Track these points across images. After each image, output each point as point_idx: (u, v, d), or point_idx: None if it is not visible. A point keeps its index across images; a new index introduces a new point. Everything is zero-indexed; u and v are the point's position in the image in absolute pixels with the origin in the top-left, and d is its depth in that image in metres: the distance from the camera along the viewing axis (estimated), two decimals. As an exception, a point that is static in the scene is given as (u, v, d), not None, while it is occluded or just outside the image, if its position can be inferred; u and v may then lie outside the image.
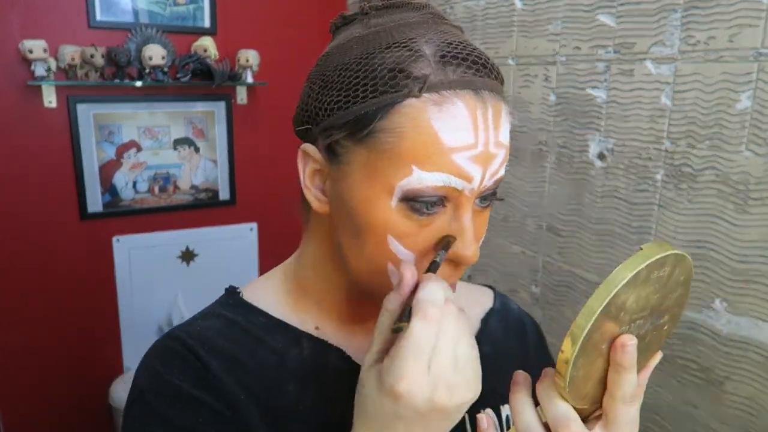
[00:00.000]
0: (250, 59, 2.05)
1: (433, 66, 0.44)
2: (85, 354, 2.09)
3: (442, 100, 0.43)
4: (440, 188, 0.44)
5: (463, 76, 0.44)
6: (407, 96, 0.43)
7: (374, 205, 0.45)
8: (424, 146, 0.43)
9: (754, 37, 0.97)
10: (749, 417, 1.03)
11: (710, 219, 1.06)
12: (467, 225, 0.45)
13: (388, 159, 0.44)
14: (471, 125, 0.43)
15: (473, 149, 0.44)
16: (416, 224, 0.45)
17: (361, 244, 0.47)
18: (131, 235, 2.11)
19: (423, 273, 0.44)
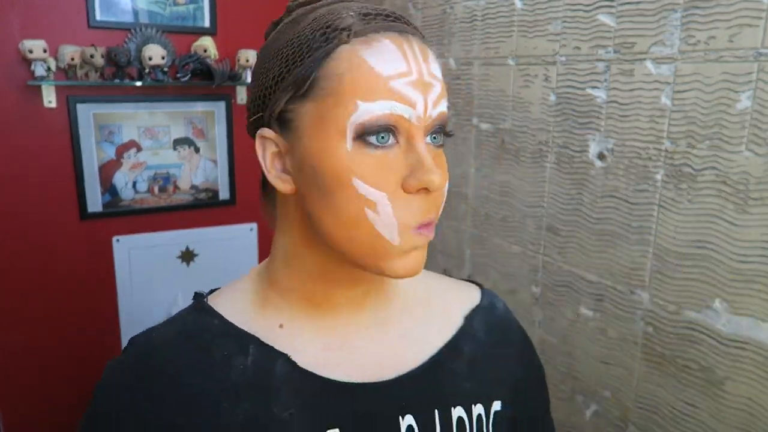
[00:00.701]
0: (250, 59, 2.05)
1: (356, 19, 0.48)
2: (85, 354, 2.10)
3: (370, 39, 0.47)
4: (387, 116, 0.45)
5: (385, 24, 0.48)
6: (338, 45, 0.47)
7: (332, 152, 0.46)
8: (363, 80, 0.45)
9: (754, 37, 0.97)
10: (749, 417, 1.03)
11: (710, 219, 1.06)
12: (423, 152, 0.47)
13: (333, 102, 0.46)
14: (401, 56, 0.47)
15: (409, 75, 0.46)
16: (374, 161, 0.46)
17: (331, 201, 0.47)
18: (131, 235, 2.11)
19: None
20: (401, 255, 0.48)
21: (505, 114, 1.53)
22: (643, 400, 1.22)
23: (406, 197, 0.47)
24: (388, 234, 0.46)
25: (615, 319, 1.26)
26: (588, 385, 1.35)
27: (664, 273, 1.15)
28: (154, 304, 2.16)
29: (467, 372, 0.58)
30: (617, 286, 1.25)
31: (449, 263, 1.82)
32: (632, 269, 1.22)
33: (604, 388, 1.31)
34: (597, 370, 1.32)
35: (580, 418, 1.38)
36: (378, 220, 0.46)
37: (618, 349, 1.26)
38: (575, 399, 1.39)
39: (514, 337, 0.65)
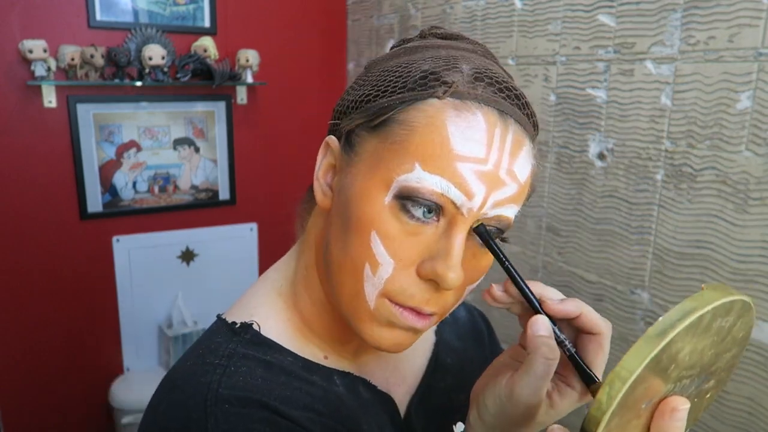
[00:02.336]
0: (250, 59, 2.05)
1: (465, 78, 0.43)
2: (85, 354, 2.09)
3: (463, 106, 0.42)
4: (437, 194, 0.41)
5: (492, 95, 0.43)
6: (430, 95, 0.42)
7: (369, 197, 0.43)
8: (432, 145, 0.41)
9: (754, 37, 0.97)
10: (749, 417, 1.03)
11: (710, 219, 1.06)
12: (456, 244, 0.42)
13: (395, 151, 0.43)
14: (485, 139, 0.42)
15: (481, 164, 0.41)
16: (404, 228, 0.42)
17: (345, 239, 0.45)
18: (131, 235, 2.11)
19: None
20: (379, 324, 0.45)
21: (505, 114, 1.53)
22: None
23: (413, 278, 0.43)
24: (368, 294, 0.44)
25: (615, 319, 1.26)
26: (588, 385, 1.35)
27: (664, 273, 1.15)
28: (154, 304, 2.16)
29: (457, 385, 0.60)
30: (617, 286, 1.25)
31: (449, 263, 1.82)
32: (632, 269, 1.22)
33: (604, 388, 1.31)
34: (597, 370, 1.32)
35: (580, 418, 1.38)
36: (370, 281, 0.44)
37: (618, 349, 1.26)
38: (575, 399, 1.39)
39: (481, 335, 0.67)
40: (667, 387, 0.33)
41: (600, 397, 0.31)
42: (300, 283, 0.53)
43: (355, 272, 0.44)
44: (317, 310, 0.52)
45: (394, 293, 0.43)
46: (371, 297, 0.44)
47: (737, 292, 0.32)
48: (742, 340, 0.36)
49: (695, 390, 0.36)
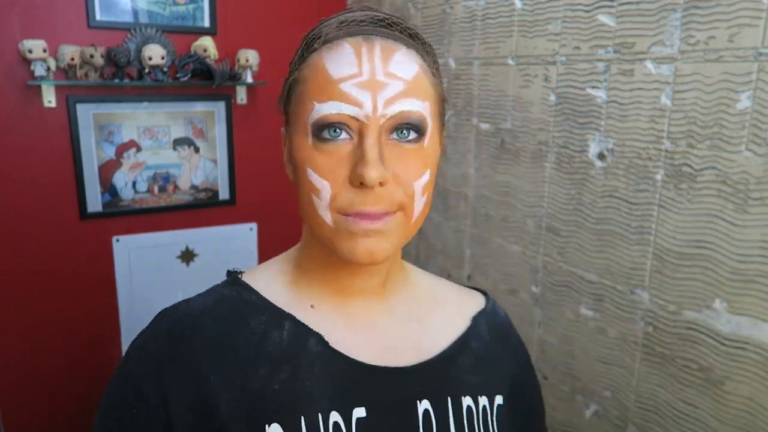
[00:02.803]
0: (250, 59, 2.05)
1: (333, 27, 0.53)
2: (85, 354, 2.09)
3: (333, 45, 0.52)
4: (335, 115, 0.50)
5: (355, 29, 0.53)
6: (311, 52, 0.54)
7: (299, 146, 0.53)
8: (319, 83, 0.51)
9: (754, 37, 0.97)
10: (749, 417, 1.03)
11: (710, 219, 1.06)
12: (367, 146, 0.50)
13: (300, 103, 0.53)
14: (355, 59, 0.51)
15: (357, 77, 0.50)
16: (324, 152, 0.51)
17: (298, 186, 0.54)
18: (131, 235, 2.11)
19: None
20: (347, 238, 0.52)
21: (505, 114, 1.53)
22: (643, 400, 1.22)
23: (350, 189, 0.51)
24: (324, 215, 0.52)
25: (615, 319, 1.26)
26: (588, 385, 1.35)
27: (664, 273, 1.15)
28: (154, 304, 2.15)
29: (474, 367, 0.63)
30: (617, 286, 1.25)
31: (449, 263, 1.82)
32: (632, 269, 1.22)
33: (604, 388, 1.31)
34: (597, 370, 1.32)
35: (580, 418, 1.38)
36: (319, 205, 0.52)
37: (618, 349, 1.26)
38: (575, 399, 1.39)
39: (512, 341, 0.71)
40: None
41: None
42: (305, 245, 0.61)
43: (309, 205, 0.52)
44: (315, 260, 0.60)
45: (340, 207, 0.51)
46: (327, 217, 0.52)
47: None
48: None
49: None
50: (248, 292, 0.59)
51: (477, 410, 0.60)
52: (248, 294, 0.59)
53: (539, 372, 1.49)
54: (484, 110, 1.61)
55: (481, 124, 1.62)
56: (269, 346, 0.55)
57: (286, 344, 0.55)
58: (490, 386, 0.63)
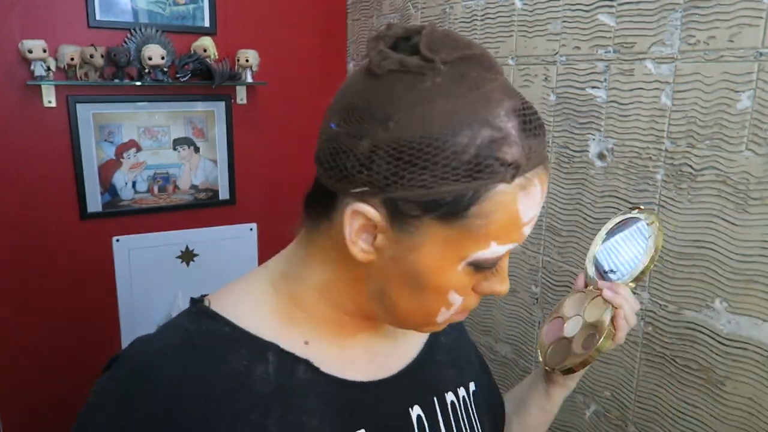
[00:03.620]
0: (250, 59, 2.05)
1: (520, 147, 0.44)
2: (84, 354, 2.09)
3: (527, 183, 0.46)
4: (505, 252, 0.48)
5: (540, 153, 0.46)
6: (499, 181, 0.44)
7: (442, 271, 0.48)
8: (507, 226, 0.46)
9: (754, 37, 0.97)
10: (749, 417, 1.03)
11: (710, 219, 1.06)
12: (505, 267, 0.51)
13: (471, 238, 0.46)
14: (540, 201, 0.48)
15: (536, 219, 0.49)
16: (473, 278, 0.49)
17: (418, 297, 0.50)
18: (131, 235, 2.11)
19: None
20: (435, 326, 0.54)
21: (505, 114, 1.53)
22: (643, 400, 1.22)
23: (470, 293, 0.51)
24: (440, 320, 0.52)
25: (615, 319, 1.26)
26: (588, 385, 1.35)
27: (664, 273, 1.15)
28: (154, 304, 2.16)
29: (448, 361, 0.64)
30: (617, 286, 1.25)
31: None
32: (632, 269, 1.22)
33: (604, 388, 1.31)
34: (597, 370, 1.32)
35: (580, 418, 1.38)
36: (443, 313, 0.51)
37: (618, 349, 1.26)
38: (575, 399, 1.39)
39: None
40: None
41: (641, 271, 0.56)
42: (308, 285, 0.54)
43: (430, 314, 0.51)
44: (324, 306, 0.54)
45: (458, 311, 0.52)
46: (442, 320, 0.52)
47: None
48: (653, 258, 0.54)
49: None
50: (219, 323, 0.52)
51: (458, 403, 0.62)
52: (219, 326, 0.52)
53: (539, 372, 1.49)
54: (484, 110, 1.61)
55: (481, 124, 1.62)
56: (256, 384, 0.49)
57: (273, 378, 0.50)
58: (464, 375, 0.65)
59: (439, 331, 0.63)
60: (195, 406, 0.47)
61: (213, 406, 0.48)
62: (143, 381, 0.49)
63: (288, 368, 0.51)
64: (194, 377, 0.49)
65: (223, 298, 0.55)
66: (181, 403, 0.47)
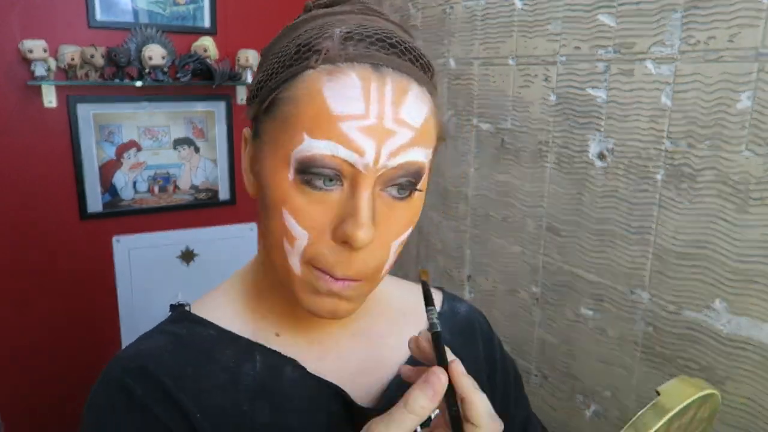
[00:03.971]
0: (250, 59, 2.05)
1: (335, 42, 0.44)
2: (85, 354, 2.09)
3: (336, 70, 0.43)
4: (329, 157, 0.42)
5: (363, 51, 0.44)
6: (306, 68, 0.44)
7: (275, 177, 0.45)
8: (314, 113, 0.43)
9: (754, 37, 0.97)
10: (749, 417, 1.03)
11: (710, 219, 1.06)
12: (361, 203, 0.43)
13: (285, 127, 0.44)
14: (362, 96, 0.43)
15: (363, 119, 0.42)
16: (310, 199, 0.44)
17: (266, 220, 0.47)
18: (131, 235, 2.11)
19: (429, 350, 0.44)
20: (308, 291, 0.47)
21: (505, 114, 1.53)
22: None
23: (331, 245, 0.45)
24: (293, 264, 0.46)
25: (615, 319, 1.26)
26: (588, 385, 1.35)
27: (664, 273, 1.15)
28: (154, 304, 2.16)
29: None
30: (617, 286, 1.25)
31: (449, 263, 1.82)
32: (632, 269, 1.22)
33: (604, 388, 1.31)
34: (597, 370, 1.32)
35: (580, 418, 1.38)
36: (290, 252, 0.46)
37: (618, 349, 1.26)
38: (575, 399, 1.39)
39: (479, 337, 0.67)
40: None
41: None
42: (260, 269, 0.56)
43: (278, 247, 0.46)
44: (274, 289, 0.54)
45: (313, 260, 0.45)
46: (295, 266, 0.46)
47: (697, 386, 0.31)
48: (709, 417, 0.37)
49: None
50: (204, 326, 0.53)
51: None
52: (204, 329, 0.53)
53: (539, 372, 1.49)
54: (484, 110, 1.61)
55: (481, 124, 1.62)
56: (246, 380, 0.50)
57: (261, 376, 0.51)
58: None
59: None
60: (189, 399, 0.48)
61: (205, 397, 0.49)
62: (136, 378, 0.49)
63: (275, 367, 0.52)
64: (186, 372, 0.49)
65: (203, 304, 0.56)
66: (175, 396, 0.48)
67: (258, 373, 0.51)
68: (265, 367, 0.51)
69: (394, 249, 0.48)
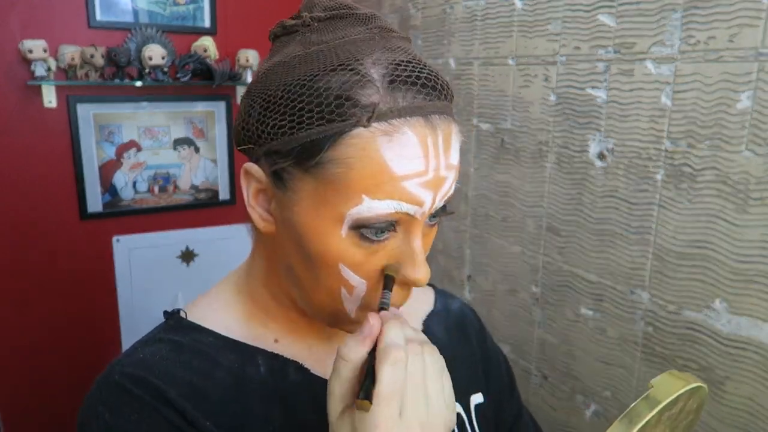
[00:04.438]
0: (250, 59, 2.05)
1: (381, 92, 0.42)
2: (84, 354, 2.09)
3: (392, 129, 0.42)
4: (391, 215, 0.43)
5: (412, 102, 0.43)
6: (355, 125, 0.42)
7: (324, 235, 0.44)
8: (374, 176, 0.42)
9: (754, 37, 0.97)
10: (749, 417, 1.03)
11: (710, 219, 1.06)
12: (417, 249, 0.45)
13: (337, 189, 0.43)
14: (421, 153, 0.43)
15: (423, 176, 0.43)
16: (366, 251, 0.45)
17: (313, 269, 0.47)
18: (131, 235, 2.11)
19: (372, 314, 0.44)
20: (353, 323, 0.49)
21: (505, 114, 1.53)
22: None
23: (375, 277, 0.46)
24: (349, 310, 0.48)
25: (615, 319, 1.26)
26: (588, 385, 1.35)
27: (664, 273, 1.15)
28: (154, 304, 2.16)
29: None
30: (617, 286, 1.25)
31: (449, 263, 1.82)
32: (632, 269, 1.22)
33: (604, 388, 1.31)
34: (597, 370, 1.32)
35: (580, 418, 1.38)
36: (347, 299, 0.47)
37: (618, 349, 1.26)
38: (575, 399, 1.39)
39: (472, 331, 0.67)
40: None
41: None
42: (258, 280, 0.55)
43: (332, 296, 0.47)
44: (277, 304, 0.54)
45: (369, 304, 0.47)
46: (352, 311, 0.48)
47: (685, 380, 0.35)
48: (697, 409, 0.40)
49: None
50: (202, 334, 0.52)
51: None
52: (203, 336, 0.52)
53: (539, 372, 1.49)
54: (484, 110, 1.61)
55: (481, 124, 1.62)
56: (252, 384, 0.51)
57: (266, 380, 0.51)
58: (462, 390, 0.60)
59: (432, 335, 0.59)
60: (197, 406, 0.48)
61: (215, 403, 0.48)
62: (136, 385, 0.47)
63: (279, 370, 0.52)
64: (192, 378, 0.49)
65: (198, 310, 0.56)
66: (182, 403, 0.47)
67: (263, 377, 0.51)
68: (268, 370, 0.52)
69: None
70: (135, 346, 0.53)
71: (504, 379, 0.69)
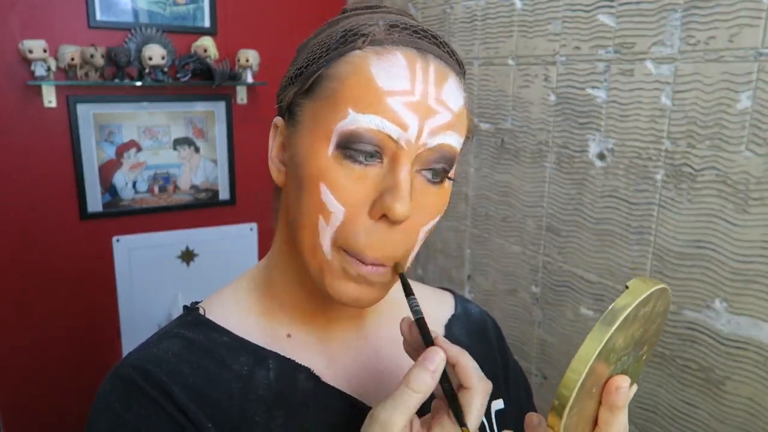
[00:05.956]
0: (250, 59, 2.05)
1: (381, 28, 0.47)
2: (84, 354, 2.09)
3: (384, 51, 0.45)
4: (374, 132, 0.43)
5: (408, 38, 0.46)
6: (352, 49, 0.46)
7: (314, 153, 0.46)
8: (360, 87, 0.44)
9: (754, 37, 0.97)
10: (749, 417, 1.03)
11: (710, 219, 1.06)
12: (401, 177, 0.44)
13: (329, 104, 0.45)
14: (408, 74, 0.44)
15: (409, 96, 0.44)
16: (349, 174, 0.44)
17: (300, 200, 0.47)
18: (131, 235, 2.11)
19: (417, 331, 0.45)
20: (336, 276, 0.46)
21: (505, 114, 1.53)
22: (643, 400, 1.22)
23: (368, 223, 0.45)
24: (324, 244, 0.46)
25: (615, 319, 1.26)
26: (588, 385, 1.35)
27: (664, 273, 1.15)
28: (154, 304, 2.16)
29: None
30: (617, 286, 1.25)
31: (449, 263, 1.82)
32: (632, 269, 1.22)
33: (604, 388, 1.31)
34: (597, 370, 1.32)
35: (580, 418, 1.38)
36: (323, 230, 0.45)
37: (618, 349, 1.26)
38: (575, 399, 1.39)
39: (493, 337, 0.67)
40: (610, 369, 0.40)
41: (561, 388, 0.37)
42: (274, 264, 0.56)
43: (311, 226, 0.46)
44: (289, 283, 0.54)
45: (346, 240, 0.45)
46: (327, 248, 0.46)
47: (654, 282, 0.39)
48: (663, 312, 0.43)
49: (633, 360, 0.43)
50: (217, 333, 0.52)
51: None
52: (218, 335, 0.52)
53: (539, 372, 1.49)
54: (484, 110, 1.61)
55: (481, 124, 1.62)
56: (259, 389, 0.50)
57: (275, 385, 0.50)
58: None
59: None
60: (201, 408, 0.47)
61: (218, 409, 0.48)
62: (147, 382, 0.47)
63: (289, 376, 0.51)
64: (199, 379, 0.49)
65: (216, 306, 0.55)
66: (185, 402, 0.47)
67: (272, 382, 0.51)
68: (278, 376, 0.51)
69: (422, 236, 0.49)
70: (152, 339, 0.53)
71: (523, 387, 0.69)
